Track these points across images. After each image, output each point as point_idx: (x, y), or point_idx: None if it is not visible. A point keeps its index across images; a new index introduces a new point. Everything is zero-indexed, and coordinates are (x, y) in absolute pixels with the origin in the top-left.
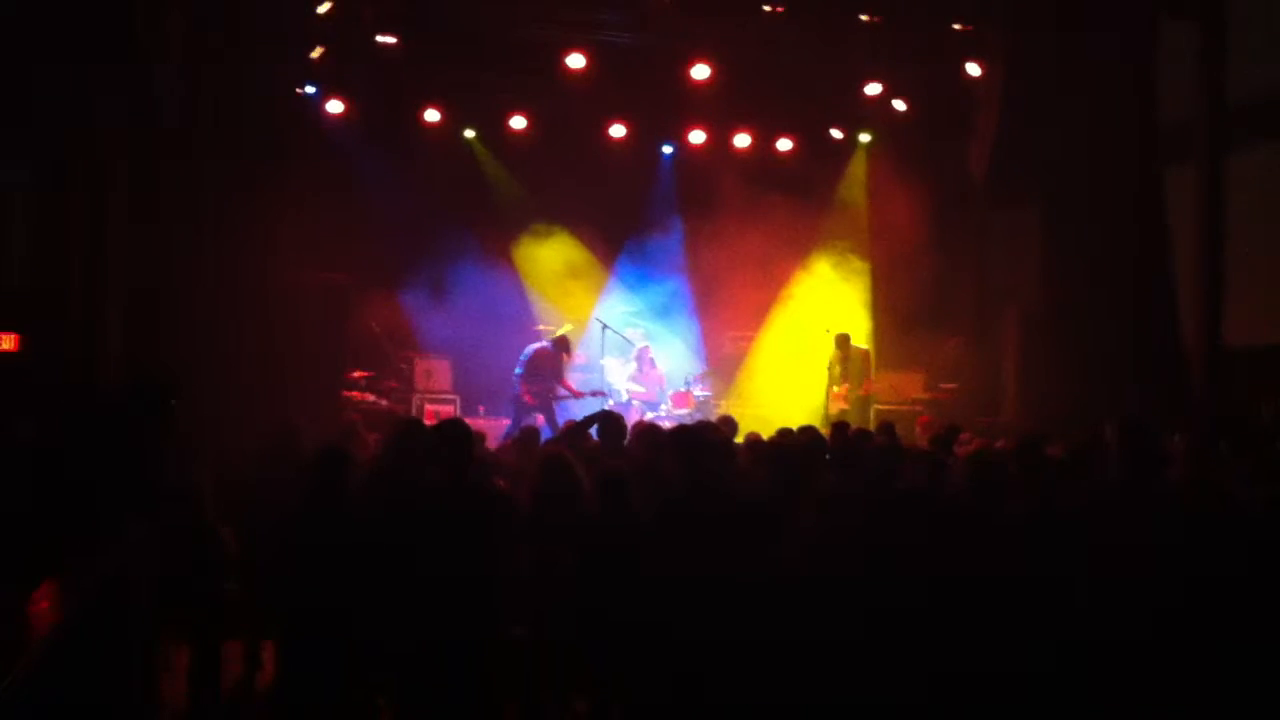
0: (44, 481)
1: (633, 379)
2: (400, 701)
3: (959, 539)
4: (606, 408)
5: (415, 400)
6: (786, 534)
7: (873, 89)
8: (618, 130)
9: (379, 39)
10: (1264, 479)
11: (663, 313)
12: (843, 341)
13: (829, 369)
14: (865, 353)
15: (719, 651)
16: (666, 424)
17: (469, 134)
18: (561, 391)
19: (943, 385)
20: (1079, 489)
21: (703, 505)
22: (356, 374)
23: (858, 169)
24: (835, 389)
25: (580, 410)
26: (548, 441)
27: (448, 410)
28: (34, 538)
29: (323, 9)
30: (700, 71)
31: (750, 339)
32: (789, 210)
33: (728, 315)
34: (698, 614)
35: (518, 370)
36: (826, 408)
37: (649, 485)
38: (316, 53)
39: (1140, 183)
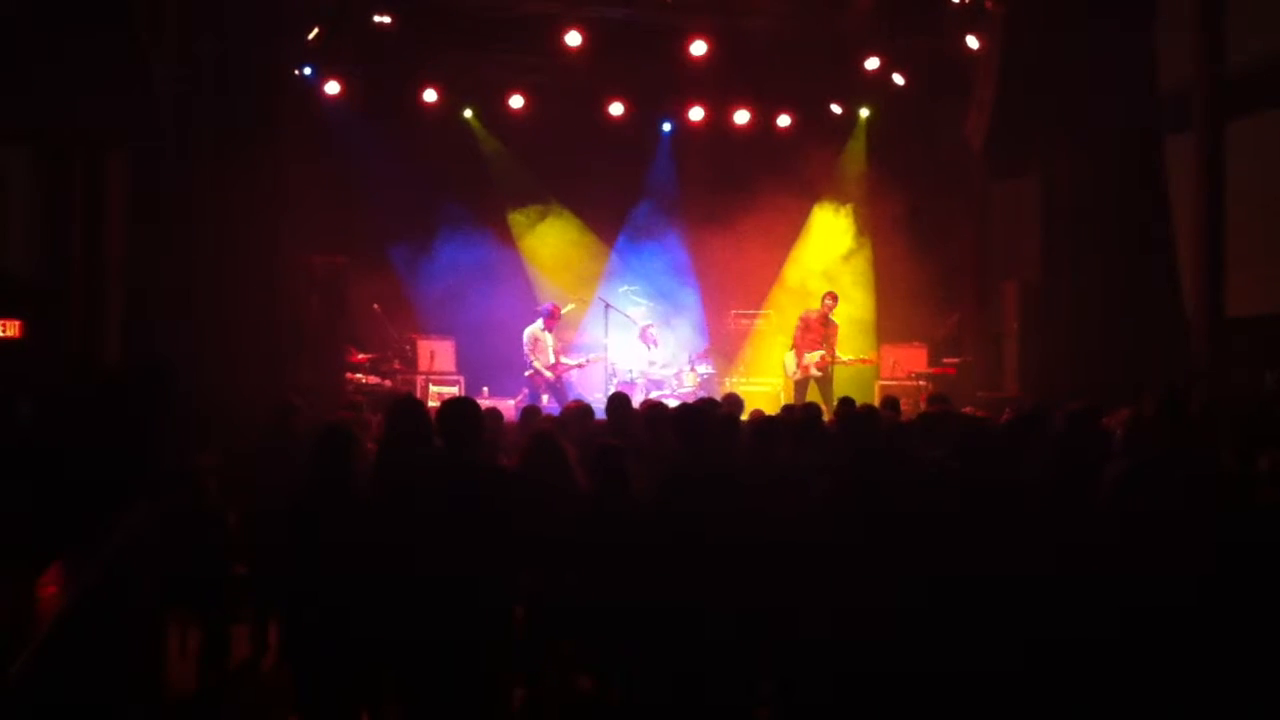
0: (47, 466)
1: (637, 358)
2: (405, 682)
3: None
4: (613, 388)
5: (419, 381)
6: (787, 508)
7: (872, 63)
8: (617, 108)
9: (375, 19)
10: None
11: (665, 290)
12: (831, 300)
13: (803, 326)
14: (836, 326)
15: (717, 626)
16: (672, 402)
17: (468, 114)
18: (560, 367)
19: (945, 360)
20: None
21: (703, 481)
22: (360, 356)
23: (858, 143)
24: (809, 354)
25: (589, 383)
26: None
27: (452, 392)
28: (39, 522)
29: None
30: (698, 47)
31: (753, 316)
32: (789, 186)
33: (730, 293)
34: (693, 590)
35: (525, 353)
36: (794, 370)
37: (656, 463)
38: (313, 34)
39: (1140, 152)
